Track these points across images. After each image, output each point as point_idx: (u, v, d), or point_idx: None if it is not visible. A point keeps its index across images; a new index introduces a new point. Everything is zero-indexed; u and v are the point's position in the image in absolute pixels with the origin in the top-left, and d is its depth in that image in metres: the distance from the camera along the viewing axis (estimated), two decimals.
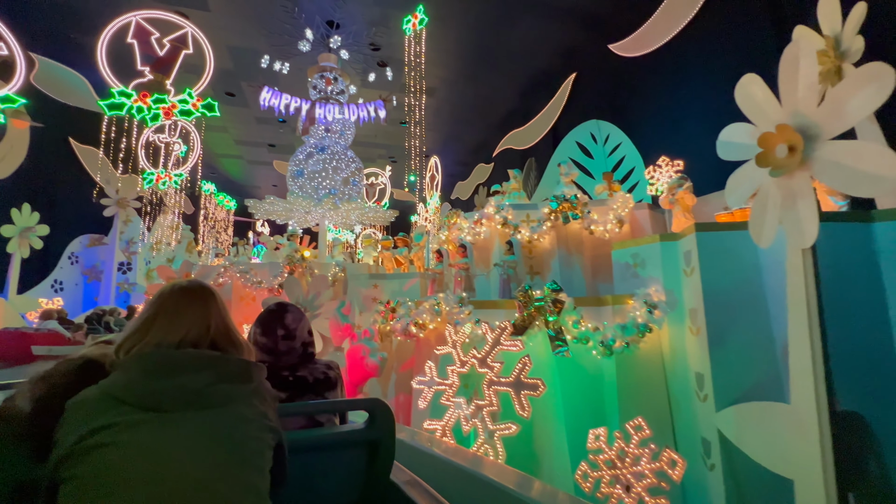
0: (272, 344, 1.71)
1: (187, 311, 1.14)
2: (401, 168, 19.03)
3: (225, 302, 1.25)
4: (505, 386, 2.95)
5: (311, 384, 1.67)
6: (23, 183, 10.42)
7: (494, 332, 3.24)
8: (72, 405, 0.95)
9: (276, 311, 1.80)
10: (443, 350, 3.47)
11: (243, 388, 1.07)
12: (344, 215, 9.49)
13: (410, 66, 8.96)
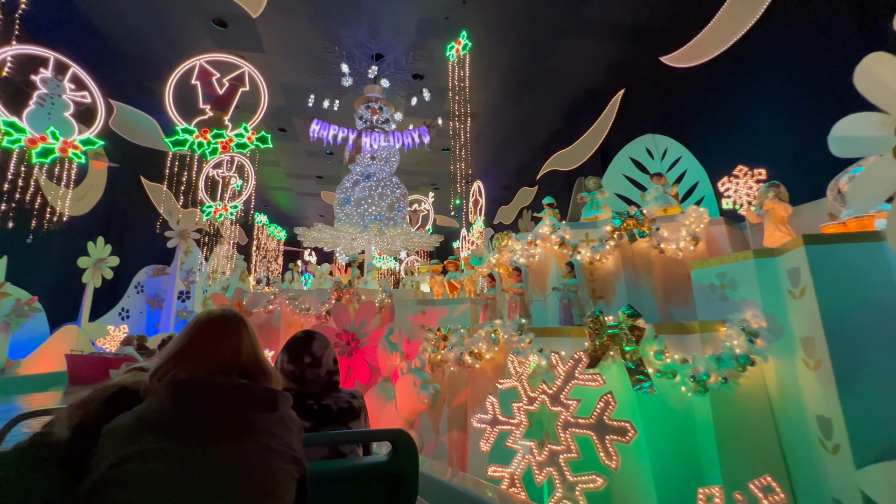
0: (299, 371, 1.72)
1: (218, 339, 1.16)
2: (443, 195, 19.13)
3: (255, 329, 1.27)
4: (585, 428, 2.51)
5: (336, 413, 1.67)
6: (98, 218, 11.31)
7: (567, 365, 2.83)
8: (106, 431, 0.98)
9: (304, 339, 1.80)
10: (506, 384, 3.09)
11: (269, 417, 1.08)
12: (389, 241, 9.44)
13: (454, 91, 8.96)
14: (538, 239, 5.22)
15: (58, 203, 8.83)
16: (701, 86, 8.17)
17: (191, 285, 13.04)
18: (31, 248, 8.55)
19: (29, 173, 8.01)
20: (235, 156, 12.50)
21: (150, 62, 9.98)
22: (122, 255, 11.23)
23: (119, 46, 9.66)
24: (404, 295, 7.36)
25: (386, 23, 9.57)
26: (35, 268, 9.30)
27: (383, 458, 1.45)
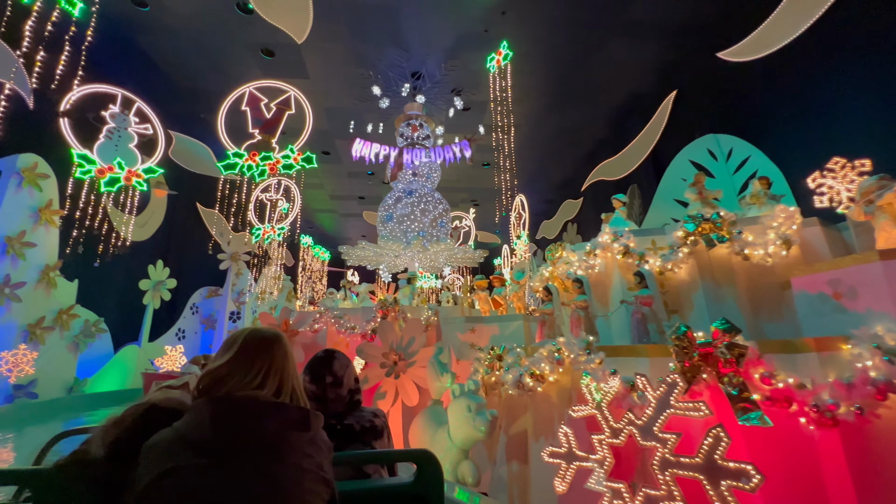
0: (321, 391, 1.72)
1: (255, 357, 1.18)
2: (484, 211, 18.86)
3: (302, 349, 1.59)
4: (691, 470, 2.05)
5: (358, 432, 1.66)
6: (158, 242, 11.96)
7: (659, 390, 2.38)
8: (147, 447, 1.02)
9: (324, 359, 1.80)
10: (581, 411, 2.67)
11: (302, 436, 1.10)
12: (432, 257, 9.22)
13: (496, 102, 8.76)
14: (597, 249, 4.78)
15: (122, 229, 9.35)
16: (769, 78, 7.49)
17: (241, 306, 13.42)
18: (98, 271, 9.08)
19: (97, 201, 8.56)
20: (282, 179, 12.92)
21: (205, 94, 10.57)
22: (179, 278, 11.75)
23: (177, 81, 10.32)
24: (450, 312, 7.05)
25: (424, 40, 9.61)
26: (102, 290, 9.86)
27: (408, 479, 1.42)
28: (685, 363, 2.78)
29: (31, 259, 7.56)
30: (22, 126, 7.80)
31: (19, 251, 7.28)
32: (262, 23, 8.66)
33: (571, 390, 3.48)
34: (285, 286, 15.03)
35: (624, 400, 2.89)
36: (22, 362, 6.93)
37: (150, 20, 8.71)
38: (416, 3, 8.65)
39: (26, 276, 7.46)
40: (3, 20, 3.90)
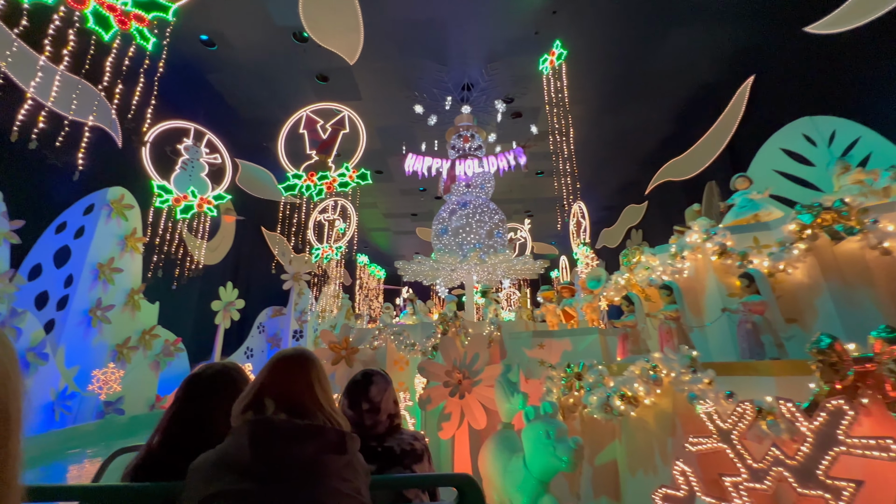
0: (357, 417, 1.70)
1: (287, 378, 1.24)
2: (539, 221, 18.24)
3: (324, 368, 1.35)
4: None
5: (399, 455, 1.64)
6: (228, 265, 12.66)
7: (819, 420, 1.83)
8: (192, 469, 1.08)
9: (361, 382, 1.78)
10: (702, 444, 2.15)
11: (339, 459, 1.12)
12: (490, 270, 8.85)
13: (552, 104, 8.36)
14: (685, 250, 4.18)
15: (196, 253, 9.96)
16: (872, 48, 6.46)
17: (303, 324, 13.79)
18: (175, 293, 9.69)
19: (174, 228, 9.18)
20: (338, 199, 13.29)
21: (266, 124, 11.15)
22: (246, 299, 12.30)
23: (241, 112, 11.00)
24: (514, 326, 6.61)
25: (473, 50, 9.49)
26: (179, 312, 10.52)
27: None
28: (835, 384, 2.18)
29: (119, 283, 8.19)
30: (110, 161, 8.61)
31: (109, 276, 7.90)
32: (316, 50, 9.00)
33: (674, 416, 2.93)
34: (344, 304, 15.32)
35: (749, 431, 2.33)
36: (111, 380, 7.41)
37: (218, 58, 9.37)
38: (464, 14, 8.57)
39: (115, 300, 8.07)
40: (86, 58, 4.26)
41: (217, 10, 8.12)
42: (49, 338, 6.85)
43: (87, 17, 3.95)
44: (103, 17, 4.03)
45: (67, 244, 7.63)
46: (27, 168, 7.02)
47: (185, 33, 8.58)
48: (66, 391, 6.72)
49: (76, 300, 7.34)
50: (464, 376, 4.97)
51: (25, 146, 6.66)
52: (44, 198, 7.53)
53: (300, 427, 1.13)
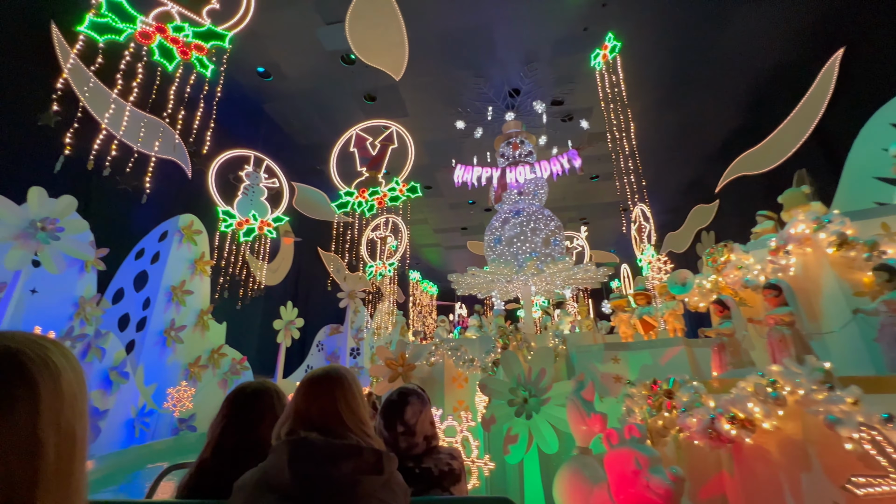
0: (392, 440, 1.68)
1: (316, 397, 1.28)
2: (596, 228, 17.35)
3: (359, 386, 1.37)
4: None
5: (437, 477, 1.61)
6: (288, 285, 13.11)
7: None
8: (237, 487, 1.12)
9: (397, 403, 1.75)
10: (871, 487, 1.64)
11: (376, 480, 1.13)
12: (549, 280, 8.35)
13: (607, 101, 7.87)
14: (790, 243, 3.55)
15: (258, 274, 10.37)
16: None
17: (360, 342, 13.91)
18: (240, 314, 10.11)
19: (238, 251, 9.64)
20: (390, 216, 13.42)
21: (319, 147, 11.56)
22: (306, 318, 12.62)
23: (296, 138, 11.51)
24: (582, 339, 6.08)
25: (519, 55, 9.26)
26: (244, 331, 10.96)
27: None
28: None
29: (190, 305, 8.67)
30: (181, 190, 9.26)
31: (181, 298, 8.38)
32: (363, 71, 9.20)
33: (806, 444, 2.35)
34: (398, 321, 15.32)
35: None
36: (183, 398, 7.74)
37: (274, 89, 9.88)
38: (507, 19, 8.39)
39: (186, 320, 8.52)
40: (153, 88, 4.54)
41: (272, 43, 8.57)
42: (130, 357, 7.32)
43: (154, 51, 4.21)
44: (167, 50, 4.28)
45: (145, 269, 8.23)
46: (110, 200, 7.68)
47: (243, 67, 9.14)
48: (144, 408, 7.09)
49: (153, 321, 7.84)
50: (530, 394, 4.56)
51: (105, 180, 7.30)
52: (125, 227, 8.21)
53: (337, 447, 1.14)
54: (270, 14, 7.82)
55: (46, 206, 5.57)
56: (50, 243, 5.53)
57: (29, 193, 5.48)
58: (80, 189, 6.77)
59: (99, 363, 6.10)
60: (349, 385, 1.32)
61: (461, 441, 4.94)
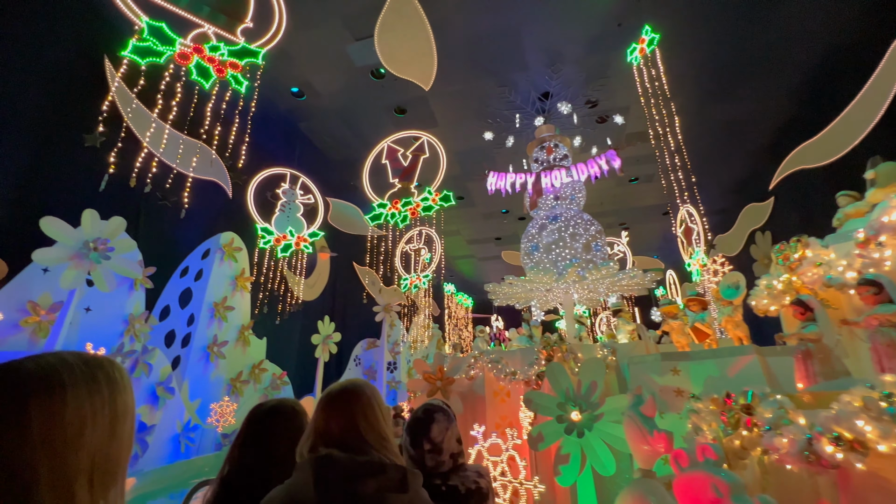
0: (419, 457, 1.68)
1: (336, 412, 1.28)
2: (637, 233, 16.59)
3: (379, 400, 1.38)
4: None
5: (464, 495, 1.60)
6: (324, 300, 13.24)
7: None
8: None
9: (423, 420, 1.74)
10: None
11: (400, 498, 1.13)
12: (591, 287, 7.91)
13: (647, 97, 7.47)
14: (885, 232, 3.08)
15: (295, 289, 10.51)
16: None
17: (396, 356, 13.79)
18: (279, 329, 10.24)
19: (276, 267, 9.82)
20: (423, 228, 13.37)
21: (352, 163, 11.71)
22: (343, 332, 12.66)
23: (330, 155, 11.74)
24: (633, 349, 5.64)
25: (550, 57, 9.03)
26: (283, 346, 11.10)
27: None
28: None
29: (231, 321, 8.85)
30: (222, 209, 9.58)
31: (223, 314, 8.57)
32: (393, 85, 9.28)
33: None
34: (434, 334, 15.13)
35: None
36: (226, 413, 7.83)
37: (307, 107, 10.13)
38: (537, 21, 8.20)
39: (228, 336, 8.69)
40: (191, 105, 4.67)
41: (304, 63, 8.80)
42: (175, 373, 7.50)
43: (191, 70, 4.34)
44: (204, 69, 4.40)
45: (190, 286, 8.50)
46: (157, 221, 8.03)
47: (278, 88, 9.44)
48: (189, 423, 7.21)
49: (197, 337, 8.04)
50: (580, 410, 4.20)
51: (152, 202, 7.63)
52: (171, 246, 8.55)
53: (361, 464, 1.14)
54: (302, 34, 8.03)
55: (98, 227, 5.83)
56: (101, 262, 5.76)
57: (83, 216, 5.75)
58: (129, 211, 7.10)
59: (146, 378, 6.26)
60: (368, 399, 1.31)
61: (506, 461, 4.61)
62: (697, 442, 3.17)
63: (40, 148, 6.05)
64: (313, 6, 7.60)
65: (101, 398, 0.76)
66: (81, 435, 0.71)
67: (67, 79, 6.01)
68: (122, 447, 0.78)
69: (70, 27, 6.17)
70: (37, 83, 5.82)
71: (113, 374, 0.81)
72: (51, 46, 5.92)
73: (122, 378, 0.84)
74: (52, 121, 5.88)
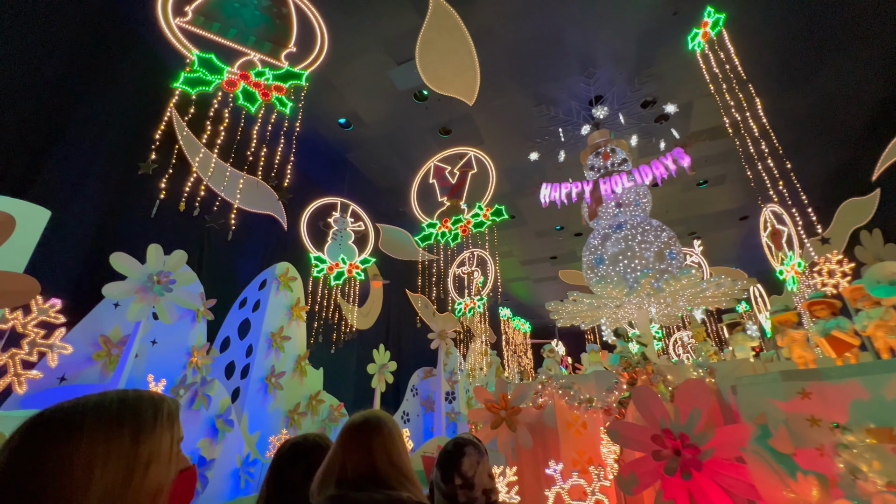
0: (450, 493, 1.65)
1: (355, 447, 1.28)
2: (711, 242, 15.06)
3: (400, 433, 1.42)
4: None
5: None
6: (379, 329, 13.07)
7: None
8: None
9: (453, 453, 1.72)
10: None
11: None
12: (669, 300, 7.00)
13: (717, 83, 6.72)
14: None
15: (349, 317, 10.42)
16: None
17: (454, 385, 13.19)
18: (335, 358, 10.11)
19: (330, 295, 9.81)
20: (475, 251, 12.97)
21: (400, 189, 11.72)
22: (399, 361, 12.35)
23: (378, 182, 11.84)
24: (737, 368, 4.73)
25: (598, 58, 8.53)
26: (339, 376, 10.95)
27: None
28: None
29: (288, 351, 8.83)
30: (279, 241, 9.82)
31: (280, 345, 8.57)
32: (436, 105, 9.21)
33: None
34: (493, 361, 14.38)
35: None
36: None
37: (354, 137, 10.32)
38: (582, 21, 7.80)
39: (285, 366, 8.65)
40: (238, 130, 4.72)
41: (349, 92, 8.99)
42: (235, 405, 7.47)
43: (238, 96, 4.40)
44: (250, 94, 4.45)
45: (248, 317, 8.63)
46: (218, 254, 8.32)
47: (326, 121, 9.71)
48: (248, 457, 7.06)
49: (255, 368, 8.04)
50: (683, 444, 3.42)
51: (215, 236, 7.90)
52: (230, 278, 8.80)
53: (378, 502, 1.12)
54: (345, 64, 8.21)
55: (161, 261, 6.02)
56: (164, 295, 5.90)
57: (148, 250, 5.98)
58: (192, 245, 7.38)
59: (205, 411, 6.22)
60: (389, 432, 1.29)
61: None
62: (862, 489, 2.37)
63: (117, 185, 6.50)
64: (355, 37, 7.76)
65: (120, 442, 0.79)
66: (90, 476, 0.74)
67: (130, 115, 6.48)
68: (142, 497, 0.78)
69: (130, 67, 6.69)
70: (109, 121, 6.35)
71: (145, 419, 0.83)
72: (116, 88, 6.45)
73: (160, 422, 0.85)
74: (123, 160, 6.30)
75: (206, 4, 4.46)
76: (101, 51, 6.29)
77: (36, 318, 4.47)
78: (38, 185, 5.42)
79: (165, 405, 0.88)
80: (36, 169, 5.46)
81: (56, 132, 5.71)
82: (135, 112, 6.48)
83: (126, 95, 6.60)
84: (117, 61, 6.53)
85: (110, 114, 6.37)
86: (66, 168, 5.79)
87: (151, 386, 5.76)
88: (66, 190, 5.81)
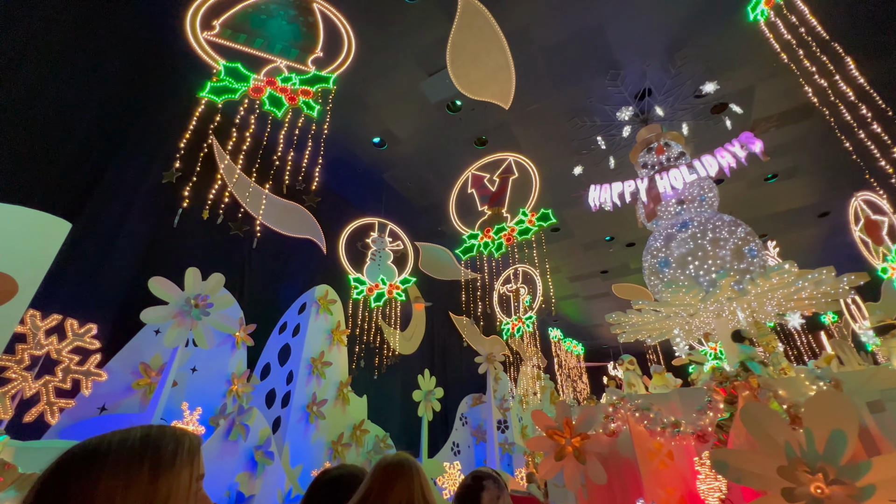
0: None
1: (391, 487, 1.28)
2: (785, 243, 13.47)
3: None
4: None
5: None
6: (424, 354, 12.51)
7: None
8: None
9: (472, 487, 1.73)
10: None
11: None
12: (755, 303, 5.99)
13: (793, 49, 5.90)
14: None
15: (391, 340, 9.98)
16: None
17: (506, 412, 12.25)
18: (378, 385, 9.62)
19: (371, 317, 9.44)
20: (519, 266, 12.29)
21: (437, 206, 11.39)
22: (445, 388, 11.67)
23: (416, 201, 11.57)
24: (868, 380, 3.75)
25: (642, 48, 7.90)
26: (383, 404, 10.40)
27: None
28: None
29: (330, 377, 8.45)
30: (318, 264, 9.66)
31: (321, 370, 8.22)
32: (470, 115, 8.91)
33: None
34: (546, 385, 13.34)
35: None
36: None
37: (389, 156, 10.18)
38: (622, 12, 7.28)
39: (327, 394, 8.26)
40: (264, 135, 4.54)
41: (382, 110, 8.89)
42: (276, 436, 7.10)
43: (264, 102, 4.24)
44: (276, 99, 4.28)
45: (288, 342, 8.39)
46: (259, 278, 8.23)
47: (361, 142, 9.66)
48: (290, 493, 6.60)
49: (296, 396, 7.70)
50: (826, 478, 2.58)
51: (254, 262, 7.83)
52: (271, 302, 8.66)
53: None
54: (376, 82, 8.12)
55: (199, 285, 5.90)
56: (201, 319, 5.73)
57: (186, 274, 5.90)
58: (234, 270, 7.31)
59: (243, 442, 5.87)
60: (425, 476, 1.34)
61: None
62: None
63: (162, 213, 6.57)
64: (385, 52, 7.66)
65: (139, 478, 0.82)
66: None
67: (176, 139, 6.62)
68: None
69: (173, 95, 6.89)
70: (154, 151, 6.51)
71: (165, 455, 0.86)
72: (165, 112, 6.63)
73: (179, 458, 0.88)
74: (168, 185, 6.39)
75: (233, 18, 4.43)
76: (148, 82, 6.55)
77: (71, 344, 4.37)
78: (87, 212, 5.52)
79: (187, 440, 0.91)
80: (86, 196, 5.57)
81: (105, 159, 5.87)
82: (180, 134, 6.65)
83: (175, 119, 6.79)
84: (167, 94, 6.78)
85: (159, 139, 6.53)
86: (113, 195, 5.90)
87: (185, 414, 5.51)
88: (113, 217, 5.90)
